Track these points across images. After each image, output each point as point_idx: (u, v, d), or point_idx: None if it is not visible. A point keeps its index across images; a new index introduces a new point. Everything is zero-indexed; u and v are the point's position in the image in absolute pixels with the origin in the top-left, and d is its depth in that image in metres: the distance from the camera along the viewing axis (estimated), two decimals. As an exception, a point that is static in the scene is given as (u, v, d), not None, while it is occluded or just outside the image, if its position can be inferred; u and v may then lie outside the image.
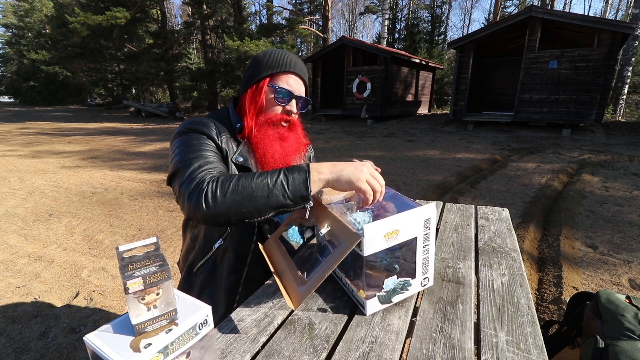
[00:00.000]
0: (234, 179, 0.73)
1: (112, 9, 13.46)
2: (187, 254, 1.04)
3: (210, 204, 0.70)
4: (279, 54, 0.96)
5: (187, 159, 0.82)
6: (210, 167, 0.80)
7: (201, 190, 0.72)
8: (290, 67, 0.96)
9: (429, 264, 0.76)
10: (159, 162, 6.20)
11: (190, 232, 1.04)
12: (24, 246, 2.77)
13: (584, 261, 2.47)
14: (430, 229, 0.72)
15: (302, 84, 0.99)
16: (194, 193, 0.72)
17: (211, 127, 0.91)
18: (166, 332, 0.45)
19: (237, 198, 0.71)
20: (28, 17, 27.81)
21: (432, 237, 0.73)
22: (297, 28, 16.66)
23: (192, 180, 0.76)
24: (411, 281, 0.74)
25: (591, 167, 5.51)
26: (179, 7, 42.81)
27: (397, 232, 0.68)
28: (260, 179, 0.72)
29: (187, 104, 19.84)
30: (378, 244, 0.66)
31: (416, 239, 0.71)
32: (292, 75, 0.96)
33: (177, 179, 0.80)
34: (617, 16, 25.70)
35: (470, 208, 1.36)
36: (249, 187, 0.71)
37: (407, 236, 0.69)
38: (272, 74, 0.95)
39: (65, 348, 1.68)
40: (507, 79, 11.60)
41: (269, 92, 0.95)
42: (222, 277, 0.97)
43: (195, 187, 0.73)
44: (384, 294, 0.71)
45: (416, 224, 0.70)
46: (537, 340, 0.61)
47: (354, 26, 35.59)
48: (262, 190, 0.71)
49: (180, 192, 0.76)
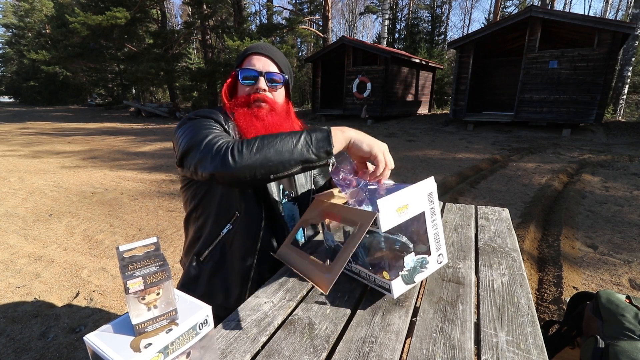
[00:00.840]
0: (259, 137, 0.75)
1: (112, 9, 13.46)
2: (190, 247, 1.03)
3: (237, 158, 0.71)
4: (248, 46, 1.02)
5: (200, 135, 0.82)
6: (225, 137, 0.82)
7: (227, 149, 0.73)
8: (252, 49, 0.99)
9: (440, 239, 0.78)
10: (159, 162, 6.20)
11: (194, 224, 1.03)
12: (24, 246, 2.77)
13: (584, 261, 2.47)
14: (434, 202, 0.75)
15: (268, 61, 0.99)
16: (218, 153, 0.73)
17: (217, 113, 0.94)
18: (166, 332, 0.45)
19: (263, 152, 0.72)
20: (28, 17, 27.81)
21: (437, 212, 0.76)
22: (297, 28, 16.66)
23: (212, 146, 0.76)
24: (428, 258, 0.76)
25: (591, 167, 5.51)
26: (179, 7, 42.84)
27: (407, 206, 0.70)
28: (284, 135, 0.75)
29: (187, 104, 19.84)
30: (392, 219, 0.67)
31: (424, 214, 0.73)
32: (254, 56, 0.98)
33: (193, 149, 0.80)
34: (617, 16, 25.71)
35: (470, 208, 1.36)
36: (274, 142, 0.73)
37: (415, 211, 0.71)
38: (239, 63, 1.00)
39: (65, 348, 1.68)
40: (507, 79, 11.60)
41: (238, 79, 0.99)
42: (234, 261, 0.97)
43: (217, 149, 0.74)
44: (406, 273, 0.72)
45: (421, 198, 0.72)
46: (537, 340, 0.61)
47: (354, 26, 35.59)
48: (287, 144, 0.73)
49: (200, 159, 0.76)
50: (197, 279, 0.98)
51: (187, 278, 1.00)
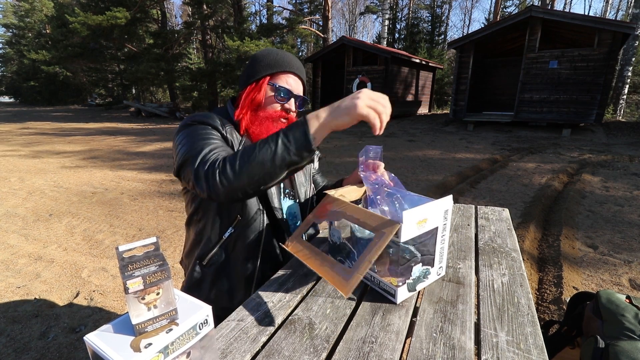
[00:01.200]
0: (239, 153, 0.75)
1: (112, 9, 13.45)
2: (192, 250, 1.03)
3: (225, 181, 0.73)
4: (279, 54, 0.99)
5: (196, 147, 0.83)
6: (219, 150, 0.83)
7: (214, 171, 0.74)
8: (290, 67, 0.99)
9: (443, 254, 0.81)
10: (159, 162, 6.20)
11: (195, 227, 1.03)
12: (24, 246, 2.77)
13: (584, 261, 2.47)
14: (447, 220, 0.77)
15: (300, 84, 1.02)
16: (209, 175, 0.75)
17: (215, 118, 0.93)
18: (166, 332, 0.45)
19: (247, 169, 0.73)
20: (28, 17, 27.81)
21: (448, 228, 0.79)
22: (297, 28, 16.65)
23: (204, 163, 0.78)
24: (430, 269, 0.79)
25: (591, 167, 5.51)
26: (179, 7, 42.83)
27: (426, 220, 0.71)
28: (262, 144, 0.73)
29: (187, 104, 19.83)
30: (412, 231, 0.69)
31: (437, 229, 0.75)
32: (291, 75, 0.99)
33: (188, 166, 0.81)
34: (617, 16, 25.70)
35: (470, 208, 1.36)
36: (254, 155, 0.73)
37: (432, 225, 0.73)
38: (272, 73, 0.97)
39: (65, 348, 1.68)
40: (507, 79, 11.60)
41: (269, 90, 0.98)
42: (237, 263, 0.97)
43: (208, 169, 0.76)
44: (411, 282, 0.75)
45: (439, 214, 0.74)
46: (537, 340, 0.61)
47: (354, 26, 35.59)
48: (267, 154, 0.72)
49: (195, 177, 0.78)
50: (200, 283, 0.98)
51: (190, 282, 1.00)
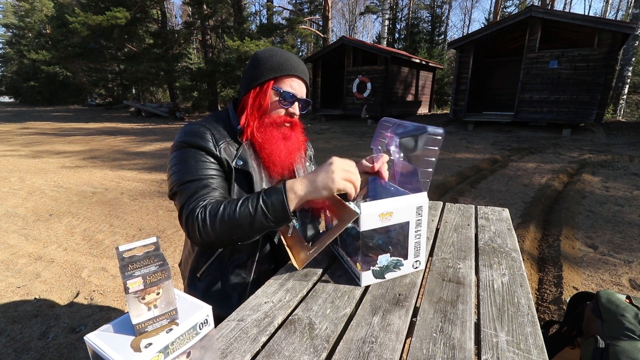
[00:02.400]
0: (220, 209, 0.78)
1: (112, 9, 13.45)
2: (188, 257, 1.03)
3: (204, 235, 0.78)
4: (283, 57, 0.97)
5: (184, 181, 0.85)
6: (204, 193, 0.84)
7: (194, 224, 0.78)
8: (294, 70, 0.97)
9: (420, 248, 0.84)
10: (159, 162, 6.20)
11: None
12: (25, 246, 2.77)
13: (584, 261, 2.47)
14: (422, 216, 0.80)
15: (304, 87, 1.01)
16: (189, 224, 0.79)
17: (208, 137, 0.90)
18: (167, 332, 0.45)
19: (225, 228, 0.77)
20: (28, 17, 27.81)
21: (424, 224, 0.81)
22: (297, 28, 16.65)
23: (186, 209, 0.81)
24: (403, 261, 0.83)
25: (591, 167, 5.51)
26: (179, 7, 42.82)
27: (391, 214, 0.76)
28: (242, 207, 0.77)
29: (187, 104, 19.83)
30: (373, 222, 0.74)
31: (408, 223, 0.79)
32: (295, 79, 0.98)
33: (177, 200, 0.86)
34: (617, 16, 25.70)
35: (470, 208, 1.36)
36: (233, 217, 0.77)
37: (400, 219, 0.77)
38: (277, 77, 0.96)
39: (65, 348, 1.68)
40: (507, 79, 11.60)
41: (273, 95, 0.96)
42: (231, 275, 0.97)
43: (188, 218, 0.80)
44: (377, 269, 0.80)
45: (409, 209, 0.78)
46: (537, 341, 0.61)
47: (354, 26, 35.59)
48: (245, 219, 0.77)
49: (180, 218, 0.83)
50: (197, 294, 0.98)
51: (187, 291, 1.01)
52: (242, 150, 0.94)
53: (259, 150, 0.96)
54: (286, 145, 0.97)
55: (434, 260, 0.93)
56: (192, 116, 16.93)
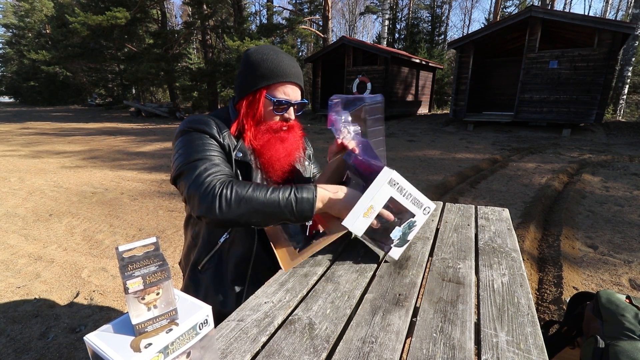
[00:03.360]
0: (249, 188, 0.77)
1: (112, 9, 13.45)
2: (188, 253, 1.04)
3: (224, 209, 0.74)
4: (274, 61, 0.94)
5: (192, 160, 0.83)
6: (217, 170, 0.82)
7: (214, 196, 0.75)
8: (287, 77, 0.95)
9: (419, 200, 0.85)
10: (159, 162, 6.20)
11: (191, 230, 1.03)
12: (24, 246, 2.77)
13: (584, 261, 2.47)
14: (398, 182, 0.81)
15: (298, 90, 0.99)
16: (206, 197, 0.75)
17: (212, 125, 0.92)
18: (166, 332, 0.45)
19: (249, 209, 0.76)
20: (28, 17, 27.82)
21: (406, 185, 0.82)
22: (297, 28, 16.65)
23: (201, 183, 0.77)
24: (414, 219, 0.86)
25: (591, 167, 5.51)
26: (179, 7, 42.83)
27: (371, 207, 0.78)
28: (273, 194, 0.77)
29: (187, 104, 19.84)
30: (362, 224, 0.78)
31: (392, 197, 0.81)
32: (288, 85, 0.96)
33: (183, 179, 0.82)
34: (617, 16, 25.70)
35: (470, 208, 1.36)
36: (261, 201, 0.76)
37: (382, 202, 0.79)
38: (269, 85, 0.94)
39: (65, 348, 1.68)
40: (507, 79, 11.60)
41: (267, 104, 0.95)
42: (230, 270, 0.97)
43: (205, 190, 0.76)
44: (398, 241, 0.85)
45: (383, 190, 0.79)
46: (537, 341, 0.61)
47: (354, 26, 35.58)
48: (272, 206, 0.77)
49: (189, 194, 0.78)
50: (196, 289, 0.99)
51: (186, 286, 1.01)
52: (241, 143, 0.95)
53: (258, 156, 0.97)
54: (284, 147, 0.98)
55: (434, 260, 0.93)
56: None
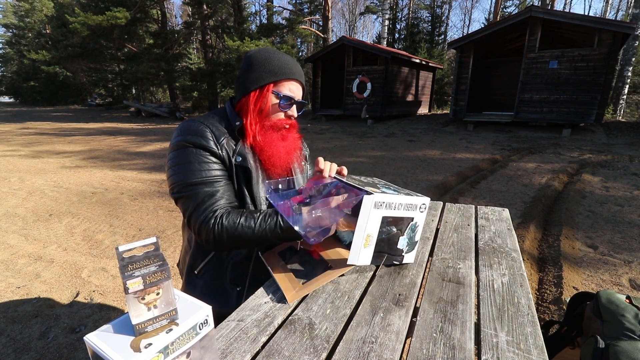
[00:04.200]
0: (238, 225, 0.83)
1: (112, 9, 13.45)
2: (185, 255, 1.04)
3: (218, 243, 0.84)
4: (281, 59, 0.97)
5: (189, 184, 0.87)
6: (214, 201, 0.87)
7: (208, 233, 0.84)
8: (293, 74, 0.99)
9: (411, 203, 0.82)
10: (159, 162, 6.20)
11: (187, 233, 1.04)
12: (24, 246, 2.77)
13: (584, 261, 2.47)
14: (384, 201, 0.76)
15: (301, 89, 1.03)
16: (202, 233, 0.84)
17: (208, 136, 0.91)
18: (166, 332, 0.45)
19: (242, 241, 0.85)
20: (28, 17, 27.81)
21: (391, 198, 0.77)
22: (297, 28, 16.65)
23: (199, 214, 0.85)
24: (414, 221, 0.85)
25: (591, 167, 5.51)
26: (179, 7, 42.81)
27: (369, 236, 0.77)
28: (260, 227, 0.84)
29: (187, 104, 19.83)
30: (365, 255, 0.79)
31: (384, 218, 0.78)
32: (294, 82, 0.99)
33: (181, 204, 0.88)
34: (617, 16, 25.69)
35: (470, 208, 1.36)
36: (251, 234, 0.84)
37: (377, 227, 0.77)
38: (276, 80, 0.97)
39: (65, 348, 1.68)
40: (507, 79, 11.59)
41: (274, 98, 0.97)
42: (228, 273, 0.98)
43: (202, 226, 0.84)
44: (407, 248, 0.86)
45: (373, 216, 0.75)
46: (537, 341, 0.61)
47: (354, 26, 35.58)
48: (261, 237, 0.84)
49: (190, 222, 0.87)
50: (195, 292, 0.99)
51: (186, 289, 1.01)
52: (240, 146, 0.95)
53: (259, 153, 0.97)
54: (284, 146, 0.99)
55: (434, 260, 0.93)
56: (192, 116, 16.92)
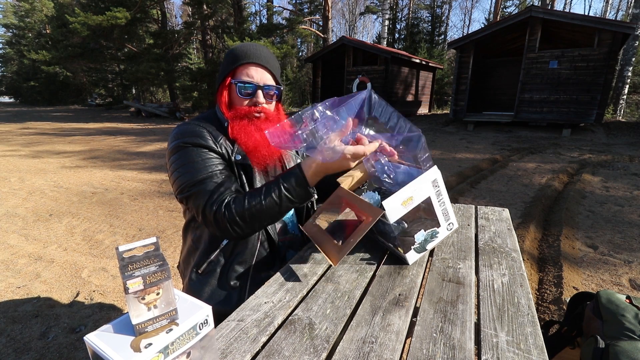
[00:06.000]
0: (246, 204, 0.82)
1: (112, 9, 13.45)
2: (188, 256, 1.03)
3: (237, 230, 0.84)
4: (239, 48, 0.96)
5: (196, 181, 0.86)
6: (222, 190, 0.86)
7: (223, 221, 0.82)
8: (248, 57, 0.94)
9: (448, 212, 0.91)
10: (160, 162, 6.20)
11: (192, 234, 1.03)
12: (25, 246, 2.77)
13: (584, 261, 2.47)
14: (439, 186, 0.87)
15: (266, 73, 0.97)
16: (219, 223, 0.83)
17: (206, 135, 0.91)
18: (166, 332, 0.45)
19: (256, 219, 0.84)
20: (28, 18, 27.79)
21: (443, 192, 0.88)
22: (297, 28, 16.64)
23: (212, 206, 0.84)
24: (438, 229, 0.90)
25: (591, 167, 5.51)
26: (179, 7, 42.80)
27: (411, 198, 0.82)
28: (267, 198, 0.82)
29: (187, 104, 19.82)
30: (398, 212, 0.81)
31: (430, 198, 0.86)
32: (251, 67, 0.95)
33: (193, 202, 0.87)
34: (617, 16, 25.69)
35: (470, 208, 1.36)
36: (261, 209, 0.82)
37: (421, 198, 0.84)
38: (233, 69, 0.95)
39: (65, 348, 1.68)
40: (507, 79, 11.59)
41: (233, 89, 0.96)
42: (232, 271, 0.98)
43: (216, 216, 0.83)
44: (418, 246, 0.88)
45: (425, 187, 0.84)
46: (537, 341, 0.61)
47: (354, 26, 35.58)
48: (273, 208, 0.83)
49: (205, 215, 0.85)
50: (199, 291, 0.98)
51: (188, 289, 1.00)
52: (237, 145, 0.96)
53: (244, 149, 0.96)
54: (263, 136, 0.94)
55: (434, 260, 0.93)
56: (192, 116, 16.91)
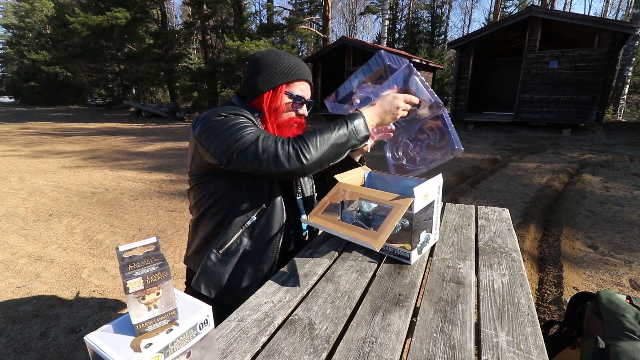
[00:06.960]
0: (317, 134, 0.86)
1: (113, 9, 13.45)
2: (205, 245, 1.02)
3: (308, 157, 0.84)
4: (291, 61, 1.04)
5: (245, 133, 0.86)
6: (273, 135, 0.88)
7: (291, 150, 0.83)
8: (304, 75, 1.06)
9: (438, 222, 0.98)
10: (160, 162, 6.20)
11: (210, 221, 1.01)
12: (25, 246, 2.77)
13: (584, 261, 2.47)
14: (439, 194, 0.94)
15: (309, 89, 1.10)
16: (285, 154, 0.83)
17: (243, 110, 0.95)
18: (167, 332, 0.45)
19: (326, 149, 0.86)
20: (28, 18, 27.79)
21: (440, 201, 0.95)
22: (298, 28, 16.64)
23: (269, 145, 0.83)
24: (430, 235, 0.96)
25: (592, 167, 5.51)
26: (179, 7, 42.80)
27: (427, 195, 0.88)
28: (337, 131, 0.87)
29: (187, 104, 19.83)
30: (420, 204, 0.85)
31: (433, 202, 0.92)
32: (304, 82, 1.07)
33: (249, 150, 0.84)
34: (617, 16, 25.69)
35: (470, 208, 1.36)
36: (333, 139, 0.86)
37: (431, 199, 0.90)
38: (289, 81, 1.03)
39: (65, 348, 1.68)
40: (507, 79, 11.59)
41: (286, 97, 1.03)
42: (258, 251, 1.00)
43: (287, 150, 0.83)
44: (419, 245, 0.91)
45: (435, 189, 0.92)
46: (537, 341, 0.61)
47: (354, 26, 35.57)
48: (342, 138, 0.87)
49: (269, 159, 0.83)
50: (218, 272, 0.97)
51: (205, 272, 0.98)
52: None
53: None
54: None
55: (434, 260, 0.93)
56: (192, 116, 16.92)
